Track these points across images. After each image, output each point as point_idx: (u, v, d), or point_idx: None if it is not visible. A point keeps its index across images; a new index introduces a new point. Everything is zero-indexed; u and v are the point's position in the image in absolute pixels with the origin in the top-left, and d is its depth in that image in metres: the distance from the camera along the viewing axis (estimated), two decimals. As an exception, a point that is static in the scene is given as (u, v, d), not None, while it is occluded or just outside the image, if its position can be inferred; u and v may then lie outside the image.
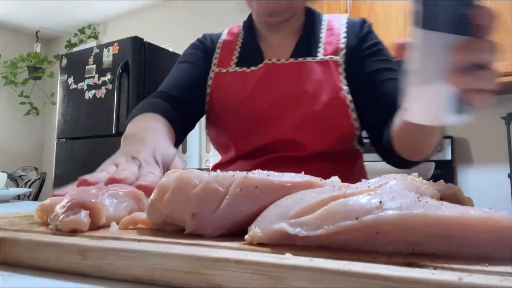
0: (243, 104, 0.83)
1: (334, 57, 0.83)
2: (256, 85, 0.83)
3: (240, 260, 0.24)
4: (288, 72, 0.83)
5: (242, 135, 0.84)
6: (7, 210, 0.79)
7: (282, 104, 0.81)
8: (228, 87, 0.86)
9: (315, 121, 0.79)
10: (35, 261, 0.30)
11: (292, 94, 0.81)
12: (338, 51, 0.84)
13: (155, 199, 0.35)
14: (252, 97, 0.82)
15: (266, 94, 0.82)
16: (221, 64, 0.89)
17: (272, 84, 0.83)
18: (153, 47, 2.88)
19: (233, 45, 0.92)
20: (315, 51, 0.85)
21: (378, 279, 0.20)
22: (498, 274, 0.20)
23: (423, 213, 0.25)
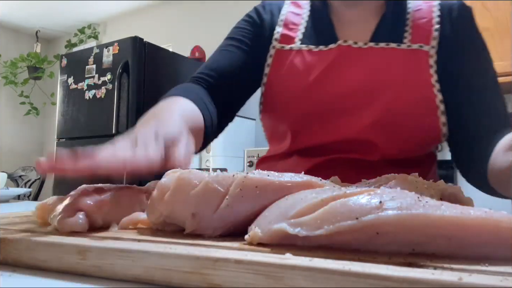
0: (307, 90, 0.69)
1: (424, 46, 0.68)
2: (326, 70, 0.69)
3: (240, 260, 0.24)
4: (366, 59, 0.69)
5: (303, 126, 0.71)
6: (7, 210, 0.79)
7: (356, 97, 0.67)
8: (290, 67, 0.72)
9: (395, 121, 0.66)
10: (35, 261, 0.30)
11: (370, 86, 0.67)
12: (430, 39, 0.69)
13: (155, 199, 0.35)
14: (320, 83, 0.69)
15: (337, 83, 0.68)
16: (284, 40, 0.75)
17: (345, 71, 0.69)
18: (153, 47, 2.88)
19: (299, 19, 0.78)
20: (401, 36, 0.70)
21: (378, 279, 0.20)
22: (498, 274, 0.20)
23: (423, 213, 0.25)
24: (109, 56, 2.82)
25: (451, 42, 0.70)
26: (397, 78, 0.67)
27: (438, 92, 0.67)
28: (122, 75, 2.70)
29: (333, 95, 0.68)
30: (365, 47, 0.69)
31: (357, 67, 0.68)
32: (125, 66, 2.70)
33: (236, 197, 0.32)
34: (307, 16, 0.78)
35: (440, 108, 0.67)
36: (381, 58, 0.68)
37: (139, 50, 2.75)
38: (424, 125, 0.67)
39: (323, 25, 0.75)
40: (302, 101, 0.70)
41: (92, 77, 2.90)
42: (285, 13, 0.79)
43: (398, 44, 0.69)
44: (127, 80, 2.71)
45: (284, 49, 0.74)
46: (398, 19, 0.72)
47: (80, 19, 4.26)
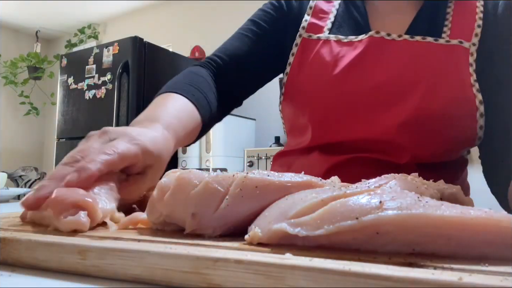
0: (333, 82, 0.65)
1: (464, 43, 0.63)
2: (354, 61, 0.65)
3: (240, 260, 0.24)
4: (399, 52, 0.64)
5: (326, 121, 0.66)
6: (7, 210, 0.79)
7: (385, 93, 0.63)
8: (316, 57, 0.68)
9: (429, 122, 0.61)
10: (35, 261, 0.30)
11: (401, 82, 0.62)
12: (471, 35, 0.64)
13: (155, 198, 0.35)
14: (346, 75, 0.64)
15: (365, 76, 0.64)
16: (312, 29, 0.71)
17: (375, 65, 0.64)
18: (153, 47, 2.88)
19: (330, 7, 0.74)
20: (439, 30, 0.65)
21: (378, 279, 0.20)
22: (498, 274, 0.20)
23: (423, 213, 0.25)
24: (109, 56, 2.82)
25: (493, 41, 0.64)
26: (433, 74, 0.62)
27: (477, 93, 0.61)
28: (122, 75, 2.70)
29: (360, 89, 0.64)
30: (399, 39, 0.65)
31: (389, 61, 0.64)
32: (125, 66, 2.70)
33: (236, 197, 0.32)
34: (338, 4, 0.74)
35: (480, 110, 0.61)
36: (415, 52, 0.63)
37: (139, 50, 2.75)
38: (460, 127, 0.62)
39: (357, 15, 0.71)
40: (326, 93, 0.65)
41: (92, 77, 2.90)
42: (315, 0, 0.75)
43: (435, 38, 0.64)
44: (127, 80, 2.71)
45: (311, 39, 0.70)
46: (438, 12, 0.67)
47: (80, 19, 4.26)
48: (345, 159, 0.65)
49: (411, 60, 0.63)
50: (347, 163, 0.65)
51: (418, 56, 0.63)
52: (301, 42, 0.71)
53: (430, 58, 0.63)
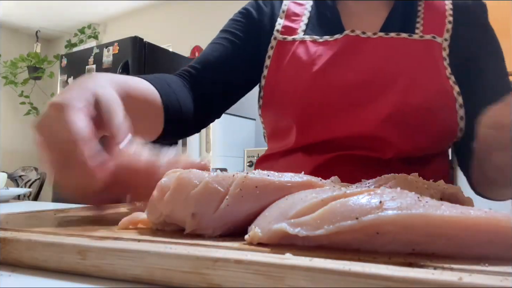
0: (312, 81, 0.65)
1: (437, 38, 0.65)
2: (331, 59, 0.65)
3: (240, 260, 0.24)
4: (375, 49, 0.65)
5: (308, 120, 0.66)
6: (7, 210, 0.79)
7: (366, 88, 0.63)
8: (293, 58, 0.68)
9: (411, 114, 0.61)
10: (35, 261, 0.30)
11: (380, 77, 0.63)
12: (443, 30, 0.66)
13: (155, 198, 0.35)
14: (325, 74, 0.65)
15: (344, 73, 0.64)
16: (286, 31, 0.72)
17: (353, 63, 0.65)
18: (153, 47, 2.88)
19: (302, 9, 0.74)
20: (412, 26, 0.67)
21: (378, 279, 0.20)
22: (498, 274, 0.20)
23: (423, 213, 0.25)
24: (109, 56, 2.82)
25: (464, 36, 0.67)
26: (411, 68, 0.63)
27: (454, 85, 0.63)
28: (122, 75, 2.70)
29: (340, 86, 0.64)
30: (374, 37, 0.66)
31: (366, 57, 0.65)
32: (125, 66, 2.70)
33: (236, 197, 0.32)
34: (311, 7, 0.74)
35: (458, 101, 0.63)
36: (391, 48, 0.65)
37: (139, 50, 2.75)
38: (441, 119, 0.63)
39: (329, 16, 0.72)
40: (306, 93, 0.65)
41: (92, 77, 2.90)
42: (287, 3, 0.76)
43: (409, 34, 0.66)
44: (127, 80, 2.71)
45: (287, 40, 0.70)
46: (409, 10, 0.69)
47: (80, 19, 4.26)
48: (329, 158, 0.65)
49: (388, 56, 0.64)
50: (331, 161, 0.64)
51: (394, 52, 0.64)
52: (277, 45, 0.71)
53: (407, 53, 0.64)
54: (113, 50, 2.81)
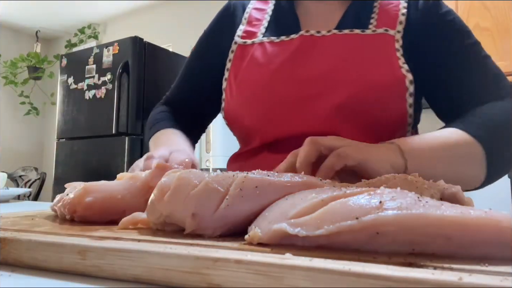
0: (270, 80, 0.68)
1: (390, 30, 0.68)
2: (288, 59, 0.68)
3: (240, 260, 0.24)
4: (329, 46, 0.68)
5: (269, 120, 0.68)
6: (7, 210, 0.79)
7: (320, 84, 0.66)
8: (251, 61, 0.71)
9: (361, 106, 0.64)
10: (35, 261, 0.30)
11: (334, 72, 0.66)
12: (396, 23, 0.69)
13: (155, 199, 0.35)
14: (282, 72, 0.68)
15: (300, 70, 0.67)
16: (246, 36, 0.75)
17: (308, 59, 0.68)
18: (153, 47, 2.88)
19: (263, 14, 0.78)
20: (366, 23, 0.70)
21: (378, 279, 0.20)
22: (498, 274, 0.20)
23: (423, 213, 0.25)
24: (109, 56, 2.82)
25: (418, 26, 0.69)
26: (362, 62, 0.65)
27: (407, 73, 0.65)
28: (122, 75, 2.70)
29: (295, 82, 0.66)
30: (328, 34, 0.69)
31: (320, 55, 0.67)
32: (125, 66, 2.70)
33: (236, 197, 0.32)
34: (272, 11, 0.77)
35: (409, 90, 0.65)
36: (344, 44, 0.67)
37: (139, 50, 2.75)
38: (390, 108, 0.65)
39: (288, 18, 0.74)
40: (264, 93, 0.68)
41: (92, 77, 2.90)
42: (249, 10, 0.79)
43: (362, 30, 0.68)
44: (127, 80, 2.71)
45: (246, 44, 0.74)
46: (365, 8, 0.72)
47: (80, 19, 4.26)
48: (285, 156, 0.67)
49: (341, 51, 0.67)
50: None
51: (347, 47, 0.67)
52: (237, 49, 0.74)
53: (359, 48, 0.67)
54: (113, 50, 2.81)
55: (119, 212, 0.42)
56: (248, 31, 0.76)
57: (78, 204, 0.42)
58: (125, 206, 0.43)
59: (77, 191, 0.43)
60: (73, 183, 0.48)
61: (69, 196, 0.43)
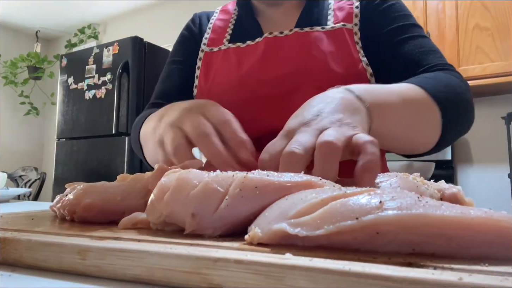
0: (240, 83, 0.70)
1: (347, 24, 0.71)
2: (256, 61, 0.71)
3: (240, 260, 0.24)
4: (293, 44, 0.70)
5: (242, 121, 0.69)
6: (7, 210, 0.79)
7: (286, 82, 0.68)
8: (220, 67, 0.74)
9: None
10: (35, 261, 0.30)
11: (299, 69, 0.68)
12: (352, 17, 0.72)
13: (155, 199, 0.35)
14: (251, 76, 0.70)
15: (269, 71, 0.69)
16: (212, 43, 0.79)
17: (274, 60, 0.70)
18: (153, 47, 2.88)
19: (227, 23, 0.82)
20: (325, 19, 0.73)
21: (378, 279, 0.20)
22: (498, 274, 0.20)
23: (423, 213, 0.25)
24: (109, 56, 2.82)
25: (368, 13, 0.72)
26: (325, 57, 0.67)
27: (367, 66, 0.68)
28: (122, 75, 2.70)
29: (266, 83, 0.68)
30: (291, 33, 0.72)
31: (286, 54, 0.70)
32: (125, 66, 2.70)
33: (236, 197, 0.32)
34: (234, 20, 0.82)
35: (372, 81, 0.67)
36: (307, 41, 0.70)
37: (139, 50, 2.75)
38: None
39: (249, 25, 0.78)
40: (236, 95, 0.70)
41: (92, 77, 2.90)
42: (213, 21, 0.84)
43: (322, 27, 0.71)
44: (127, 80, 2.71)
45: (213, 51, 0.77)
46: (319, 8, 0.75)
47: (80, 19, 4.26)
48: None
49: (305, 48, 0.69)
50: None
51: (310, 44, 0.69)
52: (204, 56, 0.78)
53: (321, 44, 0.69)
54: (113, 50, 2.81)
55: (118, 213, 0.42)
56: (213, 38, 0.80)
57: (77, 205, 0.42)
58: (125, 207, 0.42)
59: (76, 192, 0.43)
60: (73, 183, 0.48)
61: (68, 197, 0.43)
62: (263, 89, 0.69)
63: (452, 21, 2.22)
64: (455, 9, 2.24)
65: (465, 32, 2.20)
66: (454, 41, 2.19)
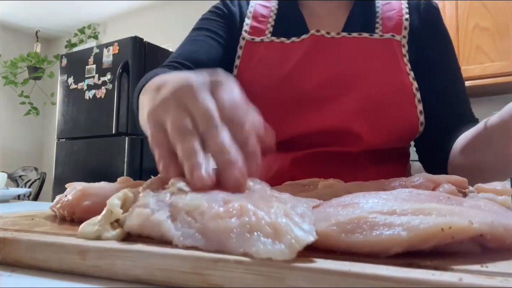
0: (283, 81, 0.68)
1: (396, 36, 0.69)
2: (301, 60, 0.68)
3: (240, 261, 0.24)
4: (340, 48, 0.69)
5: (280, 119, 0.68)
6: (7, 210, 0.79)
7: (333, 86, 0.66)
8: (263, 60, 0.71)
9: (375, 109, 0.65)
10: (35, 261, 0.30)
11: (346, 74, 0.67)
12: (401, 28, 0.70)
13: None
14: (295, 74, 0.68)
15: (313, 72, 0.67)
16: (254, 32, 0.74)
17: (320, 61, 0.68)
18: (153, 47, 2.88)
19: (269, 12, 0.77)
20: (372, 27, 0.71)
21: (378, 279, 0.20)
22: (498, 275, 0.20)
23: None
24: (109, 56, 2.82)
25: (419, 33, 0.71)
26: (374, 66, 0.67)
27: (413, 80, 0.67)
28: (122, 75, 2.70)
29: (310, 85, 0.67)
30: (338, 37, 0.70)
31: (332, 57, 0.68)
32: (125, 66, 2.70)
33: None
34: (276, 9, 0.77)
35: (417, 96, 0.67)
36: (355, 47, 0.68)
37: (139, 50, 2.75)
38: (403, 113, 0.66)
39: (293, 18, 0.75)
40: (277, 93, 0.68)
41: (92, 77, 2.90)
42: (254, 5, 0.79)
43: (370, 34, 0.70)
44: (127, 80, 2.71)
45: (255, 41, 0.73)
46: (368, 12, 0.73)
47: (80, 19, 4.26)
48: (302, 155, 0.67)
49: (352, 54, 0.68)
50: (304, 158, 0.67)
51: (357, 50, 0.68)
52: (245, 45, 0.73)
53: (369, 51, 0.68)
54: (113, 50, 2.81)
55: None
56: (255, 27, 0.75)
57: (76, 206, 0.42)
58: None
59: (75, 194, 0.43)
60: (74, 183, 0.48)
61: (67, 198, 0.43)
62: (305, 91, 0.67)
63: (452, 21, 2.22)
64: (455, 9, 2.24)
65: (465, 32, 2.20)
66: (454, 41, 2.18)
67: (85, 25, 4.35)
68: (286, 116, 0.68)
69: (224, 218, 0.26)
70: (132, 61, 2.71)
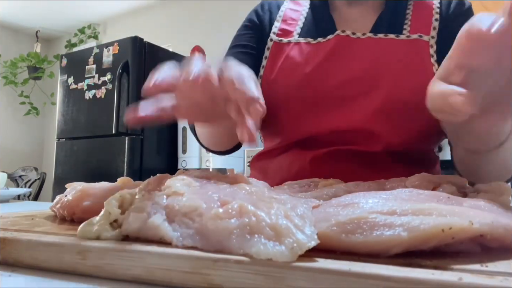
0: (306, 80, 0.69)
1: (424, 36, 0.69)
2: (325, 59, 0.69)
3: (240, 260, 0.24)
4: (364, 48, 0.69)
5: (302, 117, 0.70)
6: (7, 210, 0.79)
7: (356, 85, 0.67)
8: (288, 59, 0.72)
9: (398, 109, 0.65)
10: (35, 261, 0.30)
11: (369, 74, 0.67)
12: (430, 29, 0.70)
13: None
14: (318, 73, 0.69)
15: (336, 71, 0.68)
16: (282, 34, 0.76)
17: (343, 60, 0.69)
18: (153, 47, 2.88)
19: (298, 15, 0.79)
20: (400, 28, 0.71)
21: (378, 279, 0.20)
22: (498, 274, 0.20)
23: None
24: (109, 56, 2.82)
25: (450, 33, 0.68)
26: (397, 66, 0.66)
27: None
28: (122, 75, 2.70)
29: (332, 84, 0.67)
30: (364, 37, 0.70)
31: (356, 57, 0.69)
32: (125, 66, 2.70)
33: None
34: (306, 13, 0.78)
35: None
36: (379, 48, 0.69)
37: (139, 50, 2.75)
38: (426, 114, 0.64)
39: (324, 21, 0.75)
40: (300, 91, 0.69)
41: (92, 77, 2.90)
42: (284, 9, 0.80)
43: (397, 35, 0.70)
44: (127, 80, 2.71)
45: (282, 42, 0.74)
46: (398, 13, 0.73)
47: (80, 19, 4.26)
48: (322, 153, 0.68)
49: (376, 55, 0.68)
50: (324, 156, 0.68)
51: (382, 51, 0.68)
52: (273, 46, 0.75)
53: (393, 52, 0.68)
54: (113, 50, 2.81)
55: None
56: (283, 29, 0.76)
57: (76, 206, 0.42)
58: None
59: (75, 194, 0.43)
60: (74, 183, 0.48)
61: (67, 198, 0.43)
62: (327, 90, 0.68)
63: (452, 21, 2.22)
64: (455, 9, 2.24)
65: (465, 32, 2.20)
66: (454, 41, 2.19)
67: (85, 25, 4.35)
68: (307, 115, 0.69)
69: (223, 219, 0.26)
70: (132, 61, 2.71)
